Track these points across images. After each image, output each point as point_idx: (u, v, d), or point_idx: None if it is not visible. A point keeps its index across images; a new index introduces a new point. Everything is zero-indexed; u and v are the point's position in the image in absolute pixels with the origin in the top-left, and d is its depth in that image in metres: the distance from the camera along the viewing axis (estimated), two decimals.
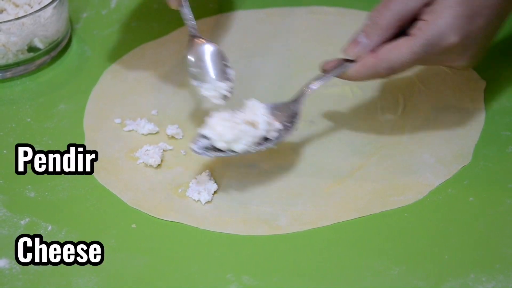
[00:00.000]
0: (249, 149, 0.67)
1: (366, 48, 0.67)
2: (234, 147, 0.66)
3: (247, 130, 0.67)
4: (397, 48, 0.66)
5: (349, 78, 0.69)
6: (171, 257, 0.64)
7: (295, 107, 0.69)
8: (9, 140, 0.75)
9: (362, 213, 0.66)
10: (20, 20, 0.79)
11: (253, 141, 0.67)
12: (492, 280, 0.61)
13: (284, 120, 0.69)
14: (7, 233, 0.66)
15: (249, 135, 0.67)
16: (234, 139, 0.66)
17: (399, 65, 0.66)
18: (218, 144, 0.66)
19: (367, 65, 0.67)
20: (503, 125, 0.73)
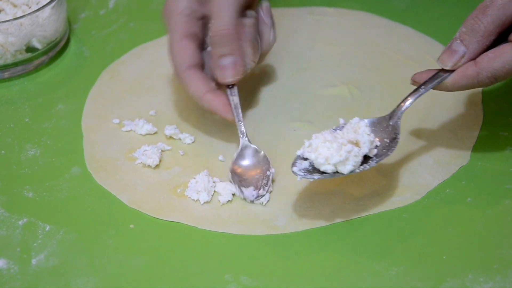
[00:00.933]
0: (355, 169, 0.63)
1: (465, 57, 0.64)
2: (341, 169, 0.63)
3: (353, 150, 0.63)
4: (500, 56, 0.63)
5: (446, 88, 0.66)
6: (170, 257, 0.64)
7: (394, 122, 0.66)
8: (8, 140, 0.75)
9: (360, 213, 0.66)
10: (18, 21, 0.79)
11: (359, 161, 0.64)
12: (490, 281, 0.61)
13: (383, 136, 0.66)
14: (5, 234, 0.66)
15: (355, 155, 0.63)
16: (341, 161, 0.63)
17: (503, 73, 0.63)
18: (324, 167, 0.63)
19: (468, 75, 0.64)
20: (501, 125, 0.73)
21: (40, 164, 0.73)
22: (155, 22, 0.89)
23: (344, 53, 0.83)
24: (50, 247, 0.65)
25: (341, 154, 0.63)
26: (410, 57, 0.82)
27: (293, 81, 0.80)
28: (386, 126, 0.67)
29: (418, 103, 0.76)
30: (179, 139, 0.74)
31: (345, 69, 0.81)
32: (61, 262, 0.64)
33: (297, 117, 0.76)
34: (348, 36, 0.86)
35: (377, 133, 0.66)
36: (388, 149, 0.65)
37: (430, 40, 0.84)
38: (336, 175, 0.63)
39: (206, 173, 0.70)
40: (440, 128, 0.74)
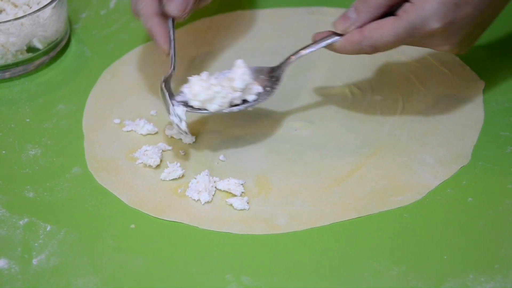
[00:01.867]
0: (222, 109, 0.70)
1: (354, 24, 0.68)
2: (207, 106, 0.69)
3: (221, 91, 0.69)
4: (381, 28, 0.67)
5: (335, 50, 0.70)
6: (171, 257, 0.64)
7: (278, 73, 0.72)
8: (8, 140, 0.75)
9: (361, 213, 0.66)
10: (19, 21, 0.79)
11: (226, 102, 0.69)
12: (491, 281, 0.61)
13: (266, 84, 0.71)
14: (6, 234, 0.66)
15: (222, 96, 0.69)
16: (207, 99, 0.69)
17: (382, 44, 0.68)
18: (192, 102, 0.70)
19: (352, 41, 0.68)
20: (502, 125, 0.73)
21: (41, 164, 0.73)
22: None
23: None
24: (51, 247, 0.65)
25: (208, 93, 0.69)
26: (411, 57, 0.82)
27: (294, 81, 0.80)
28: (271, 76, 0.72)
29: (419, 102, 0.76)
30: (179, 139, 0.74)
31: (346, 69, 0.81)
32: (62, 262, 0.64)
33: (298, 117, 0.76)
34: None
35: (262, 81, 0.72)
36: (265, 96, 0.71)
37: None
38: (204, 112, 0.70)
39: (207, 173, 0.70)
40: (441, 128, 0.74)
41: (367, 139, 0.73)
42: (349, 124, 0.75)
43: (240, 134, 0.75)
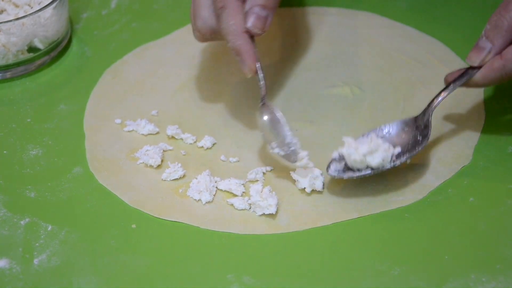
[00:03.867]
0: (384, 164, 0.66)
1: (491, 52, 0.67)
2: (369, 161, 0.66)
3: (382, 145, 0.66)
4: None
5: (476, 84, 0.68)
6: (172, 257, 0.64)
7: (425, 120, 0.69)
8: (10, 140, 0.75)
9: (362, 213, 0.66)
10: (20, 21, 0.79)
11: (388, 156, 0.66)
12: (493, 281, 0.61)
13: (416, 134, 0.69)
14: (7, 233, 0.66)
15: (384, 149, 0.66)
16: (369, 151, 0.66)
17: None
18: (354, 157, 0.66)
19: (495, 68, 0.67)
20: (503, 125, 0.73)
21: (42, 164, 0.73)
22: (157, 22, 0.89)
23: (347, 53, 0.83)
24: (52, 247, 0.65)
25: (370, 145, 0.65)
26: (412, 57, 0.82)
27: (295, 81, 0.80)
28: (418, 124, 0.69)
29: (420, 103, 0.76)
30: (180, 139, 0.74)
31: (347, 69, 0.81)
32: (63, 262, 0.64)
33: (299, 117, 0.76)
34: (350, 36, 0.86)
35: (409, 132, 0.69)
36: (420, 145, 0.68)
37: (433, 40, 0.84)
38: (367, 173, 0.66)
39: (208, 173, 0.70)
40: (442, 128, 0.74)
41: None
42: (350, 124, 0.75)
43: (241, 134, 0.75)
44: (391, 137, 0.69)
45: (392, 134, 0.69)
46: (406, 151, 0.68)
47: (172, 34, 0.88)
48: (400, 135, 0.69)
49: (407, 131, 0.69)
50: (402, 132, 0.69)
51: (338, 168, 0.67)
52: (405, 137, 0.69)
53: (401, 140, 0.69)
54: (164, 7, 0.91)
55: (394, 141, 0.69)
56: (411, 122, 0.70)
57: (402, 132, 0.69)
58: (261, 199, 0.66)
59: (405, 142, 0.69)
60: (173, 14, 0.90)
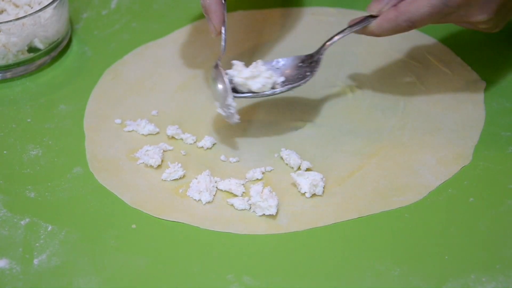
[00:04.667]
0: (265, 89, 0.71)
1: (389, 3, 0.69)
2: (251, 84, 0.71)
3: (266, 71, 0.71)
4: (416, 1, 0.68)
5: (371, 32, 0.71)
6: (172, 257, 0.64)
7: (317, 57, 0.74)
8: (10, 140, 0.75)
9: (362, 213, 0.66)
10: (20, 21, 0.79)
11: (270, 82, 0.71)
12: (493, 281, 0.61)
13: (306, 70, 0.73)
14: (7, 234, 0.66)
15: (266, 76, 0.71)
16: (251, 76, 0.70)
17: (418, 17, 0.68)
18: (236, 79, 0.71)
19: (388, 19, 0.69)
20: (503, 125, 0.73)
21: (42, 164, 0.73)
22: (157, 22, 0.89)
23: (346, 53, 0.83)
24: (52, 247, 0.65)
25: (253, 71, 0.71)
26: (411, 57, 0.82)
27: None
28: (311, 61, 0.74)
29: (420, 103, 0.76)
30: (181, 139, 0.74)
31: (347, 69, 0.81)
32: (63, 262, 0.64)
33: (298, 117, 0.76)
34: (350, 36, 0.85)
35: (302, 68, 0.74)
36: (303, 80, 0.73)
37: (431, 40, 0.84)
38: (248, 95, 0.71)
39: (208, 173, 0.70)
40: (442, 128, 0.74)
41: (368, 139, 0.73)
42: (350, 124, 0.75)
43: (241, 134, 0.75)
44: (284, 68, 0.73)
45: (286, 66, 0.74)
46: (291, 83, 0.72)
47: (172, 34, 0.88)
48: (292, 68, 0.73)
49: (300, 66, 0.74)
50: (296, 67, 0.74)
51: None
52: (296, 71, 0.73)
53: (290, 72, 0.73)
54: (164, 7, 0.91)
55: (285, 72, 0.73)
56: (306, 59, 0.74)
57: (295, 66, 0.74)
58: (261, 199, 0.66)
59: (293, 75, 0.73)
60: (173, 14, 0.90)
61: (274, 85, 0.72)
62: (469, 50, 0.82)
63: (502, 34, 0.84)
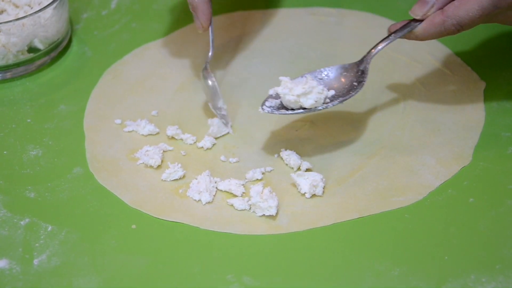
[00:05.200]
0: (317, 105, 0.69)
1: (434, 6, 0.68)
2: (303, 101, 0.68)
3: (317, 87, 0.69)
4: (465, 4, 0.67)
5: (417, 37, 0.70)
6: (172, 258, 0.64)
7: (363, 66, 0.72)
8: (10, 140, 0.75)
9: (362, 213, 0.66)
10: (20, 21, 0.79)
11: (322, 98, 0.69)
12: (492, 281, 0.61)
13: (352, 80, 0.72)
14: (7, 234, 0.66)
15: (319, 92, 0.69)
16: (303, 93, 0.68)
17: (467, 20, 0.67)
18: (288, 97, 0.68)
19: (435, 23, 0.68)
20: (503, 126, 0.73)
21: (42, 165, 0.73)
22: (157, 22, 0.89)
23: (346, 53, 0.83)
24: (52, 247, 0.65)
25: (304, 87, 0.68)
26: (412, 57, 0.82)
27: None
28: (357, 71, 0.72)
29: (420, 103, 0.76)
30: (181, 139, 0.74)
31: None
32: (63, 262, 0.64)
33: (299, 117, 0.76)
34: (350, 37, 0.86)
35: (348, 77, 0.72)
36: (354, 91, 0.71)
37: (433, 41, 0.84)
38: (300, 111, 0.69)
39: (208, 173, 0.70)
40: (442, 129, 0.74)
41: (368, 140, 0.73)
42: (350, 125, 0.75)
43: (241, 134, 0.75)
44: (329, 80, 0.71)
45: (330, 77, 0.72)
46: (341, 95, 0.70)
47: (172, 34, 0.88)
48: (338, 79, 0.72)
49: (346, 75, 0.72)
50: (341, 76, 0.72)
51: (272, 104, 0.70)
52: (342, 82, 0.72)
53: (337, 83, 0.71)
54: (164, 7, 0.91)
55: (331, 84, 0.71)
56: (351, 68, 0.72)
57: (340, 76, 0.72)
58: (261, 200, 0.66)
59: (341, 86, 0.71)
60: (173, 14, 0.90)
61: (325, 99, 0.70)
62: (469, 50, 0.82)
63: (502, 34, 0.84)
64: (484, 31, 0.84)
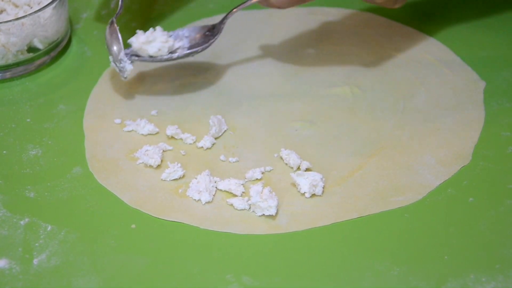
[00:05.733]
0: (162, 53, 0.76)
1: None
2: (148, 49, 0.76)
3: (162, 36, 0.76)
4: None
5: (272, 4, 0.73)
6: (171, 257, 0.64)
7: (219, 26, 0.78)
8: (9, 140, 0.75)
9: (362, 213, 0.66)
10: (20, 21, 0.79)
11: (166, 46, 0.76)
12: (492, 281, 0.61)
13: (210, 38, 0.78)
14: (7, 234, 0.66)
15: (162, 40, 0.76)
16: (147, 41, 0.75)
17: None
18: (134, 45, 0.76)
19: None
20: (503, 125, 0.73)
21: (42, 164, 0.73)
22: (157, 22, 0.89)
23: (346, 53, 0.83)
24: (51, 247, 0.65)
25: (148, 36, 0.75)
26: (411, 57, 0.82)
27: (294, 81, 0.80)
28: (214, 31, 0.78)
29: (420, 103, 0.76)
30: (180, 139, 0.74)
31: (347, 69, 0.81)
32: (63, 262, 0.64)
33: (298, 117, 0.76)
34: (350, 36, 0.86)
35: (205, 36, 0.78)
36: (201, 46, 0.77)
37: (431, 40, 0.84)
38: (147, 59, 0.76)
39: (208, 173, 0.70)
40: (442, 128, 0.74)
41: (367, 139, 0.73)
42: (350, 124, 0.75)
43: (241, 134, 0.75)
44: (190, 36, 0.78)
45: (192, 34, 0.78)
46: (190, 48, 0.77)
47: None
48: (196, 36, 0.78)
49: (207, 34, 0.78)
50: (200, 34, 0.78)
51: (128, 52, 0.77)
52: (200, 38, 0.78)
53: (195, 40, 0.78)
54: (164, 7, 0.91)
55: (190, 39, 0.78)
56: (211, 28, 0.78)
57: (200, 34, 0.78)
58: (261, 200, 0.66)
59: (197, 42, 0.78)
60: (173, 14, 0.90)
61: (173, 49, 0.77)
62: (469, 50, 0.82)
63: (502, 34, 0.84)
64: (484, 31, 0.84)
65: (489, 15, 0.87)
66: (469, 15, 0.87)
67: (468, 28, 0.85)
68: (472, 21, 0.86)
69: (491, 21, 0.86)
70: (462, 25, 0.86)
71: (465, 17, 0.87)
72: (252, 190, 0.67)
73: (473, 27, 0.85)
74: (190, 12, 0.90)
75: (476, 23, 0.86)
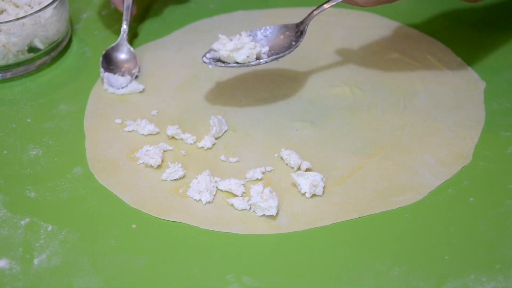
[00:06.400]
0: (250, 60, 0.74)
1: None
2: (236, 56, 0.74)
3: (250, 42, 0.74)
4: None
5: (356, 2, 0.72)
6: (172, 257, 0.64)
7: (302, 27, 0.76)
8: (10, 140, 0.75)
9: (362, 213, 0.66)
10: (21, 21, 0.79)
11: (254, 53, 0.74)
12: (492, 281, 0.61)
13: (292, 39, 0.76)
14: (7, 234, 0.66)
15: (250, 47, 0.74)
16: (235, 48, 0.74)
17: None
18: (222, 52, 0.74)
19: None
20: (503, 125, 0.73)
21: (42, 164, 0.73)
22: (157, 22, 0.89)
23: (346, 53, 0.83)
24: (52, 247, 0.65)
25: (236, 43, 0.74)
26: (411, 57, 0.82)
27: (295, 81, 0.80)
28: (296, 31, 0.77)
29: (420, 103, 0.76)
30: (181, 139, 0.74)
31: (347, 69, 0.81)
32: (63, 262, 0.64)
33: (299, 117, 0.76)
34: (350, 36, 0.86)
35: (288, 37, 0.76)
36: (288, 50, 0.75)
37: (432, 40, 0.84)
38: (233, 65, 0.74)
39: (208, 173, 0.70)
40: (442, 128, 0.74)
41: (368, 140, 0.73)
42: (350, 125, 0.75)
43: (241, 134, 0.75)
44: (268, 38, 0.76)
45: (269, 35, 0.77)
46: (277, 53, 0.75)
47: (172, 34, 0.88)
48: (277, 38, 0.76)
49: (286, 35, 0.76)
50: (280, 35, 0.76)
51: (212, 57, 0.75)
52: (281, 40, 0.76)
53: (277, 41, 0.76)
54: (164, 7, 0.91)
55: (270, 42, 0.76)
56: (292, 28, 0.76)
57: (280, 35, 0.77)
58: (262, 200, 0.66)
59: (279, 45, 0.76)
60: (173, 14, 0.90)
61: (260, 55, 0.75)
62: (469, 50, 0.82)
63: (502, 34, 0.84)
64: (485, 31, 0.84)
65: (489, 15, 0.87)
66: (469, 16, 0.87)
67: (469, 28, 0.85)
68: (472, 21, 0.86)
69: (491, 21, 0.86)
70: (462, 25, 0.86)
71: (466, 17, 0.87)
72: (252, 190, 0.67)
73: (473, 27, 0.85)
74: (190, 12, 0.90)
75: (476, 23, 0.86)
